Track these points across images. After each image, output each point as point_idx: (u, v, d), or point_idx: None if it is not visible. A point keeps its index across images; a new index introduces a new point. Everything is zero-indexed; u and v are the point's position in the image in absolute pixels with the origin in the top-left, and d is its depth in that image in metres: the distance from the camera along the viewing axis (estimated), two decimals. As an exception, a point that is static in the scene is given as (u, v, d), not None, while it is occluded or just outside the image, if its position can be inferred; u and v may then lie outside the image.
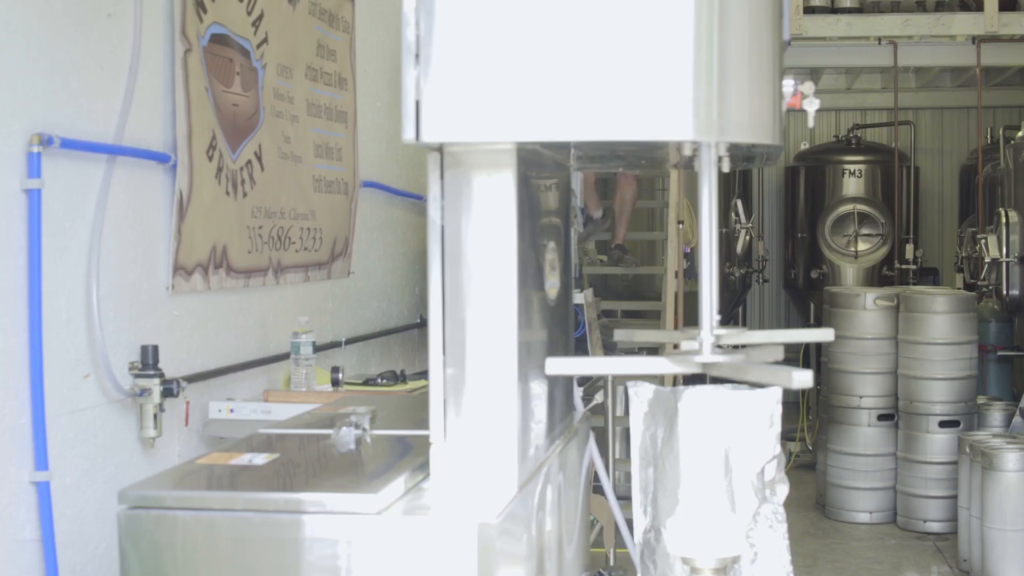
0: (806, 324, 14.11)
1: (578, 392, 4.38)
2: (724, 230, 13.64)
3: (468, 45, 2.82)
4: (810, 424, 11.59)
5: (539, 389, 3.47)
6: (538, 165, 3.45)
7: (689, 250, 10.83)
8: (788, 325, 16.20)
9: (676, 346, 3.24)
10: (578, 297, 6.66)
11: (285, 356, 6.02)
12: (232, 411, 5.37)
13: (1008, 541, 7.79)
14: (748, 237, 14.00)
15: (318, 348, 6.32)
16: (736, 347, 3.41)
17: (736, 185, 14.07)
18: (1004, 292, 9.82)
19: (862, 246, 14.58)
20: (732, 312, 14.69)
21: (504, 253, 3.09)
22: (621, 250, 9.84)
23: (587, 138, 2.87)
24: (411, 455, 3.35)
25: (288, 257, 6.21)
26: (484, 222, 3.08)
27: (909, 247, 14.41)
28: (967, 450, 8.23)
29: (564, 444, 3.79)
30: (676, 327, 9.75)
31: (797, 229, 15.13)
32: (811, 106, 3.25)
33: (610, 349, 8.22)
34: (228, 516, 2.95)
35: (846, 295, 10.06)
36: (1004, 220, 9.93)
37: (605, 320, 9.11)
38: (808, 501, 10.42)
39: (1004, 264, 9.78)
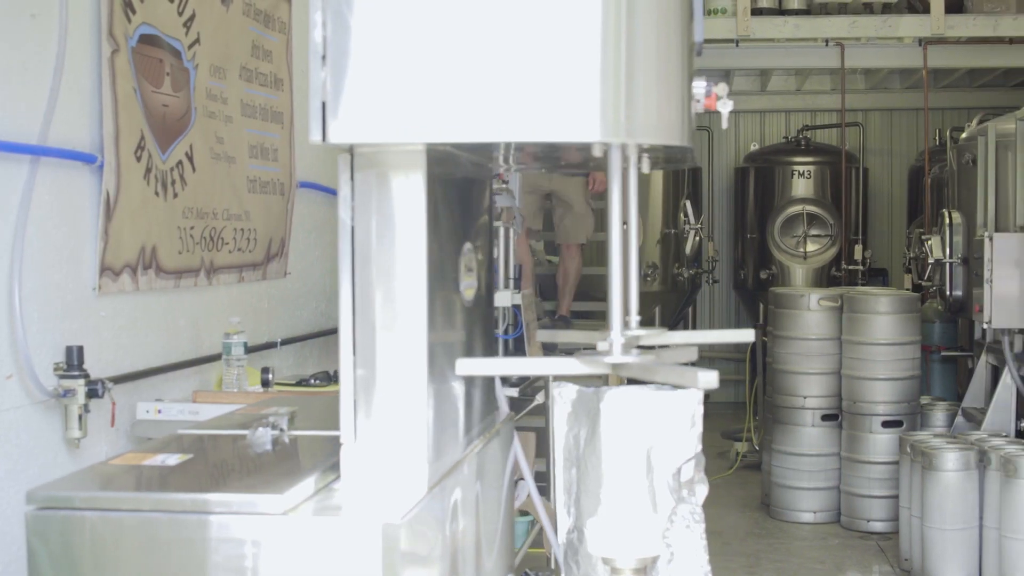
0: (755, 324, 14.14)
1: (502, 392, 4.38)
2: (673, 231, 13.68)
3: (375, 47, 2.81)
4: (757, 424, 11.62)
5: (454, 390, 3.47)
6: (455, 165, 3.45)
7: (635, 251, 10.83)
8: (738, 325, 16.24)
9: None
10: (516, 298, 6.65)
11: (218, 357, 6.00)
12: (160, 412, 5.36)
13: (947, 540, 7.82)
14: (698, 238, 14.04)
15: (253, 349, 6.31)
16: (655, 347, 3.43)
17: (686, 186, 14.11)
18: (948, 293, 9.84)
19: (811, 247, 14.64)
20: (682, 313, 14.71)
21: (413, 254, 3.09)
22: (565, 321, 9.79)
23: (494, 139, 2.87)
24: (326, 456, 3.34)
25: (221, 258, 6.19)
26: (393, 223, 3.08)
27: (858, 248, 14.49)
28: (908, 450, 8.26)
29: (484, 444, 3.79)
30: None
31: (747, 230, 15.18)
32: (725, 108, 3.26)
33: (551, 349, 8.25)
34: (135, 516, 2.94)
35: (790, 296, 10.09)
36: (948, 221, 9.96)
37: (547, 320, 9.11)
38: (753, 501, 10.46)
39: (948, 265, 9.80)
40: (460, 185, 3.53)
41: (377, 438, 3.10)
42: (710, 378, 2.90)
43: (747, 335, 3.90)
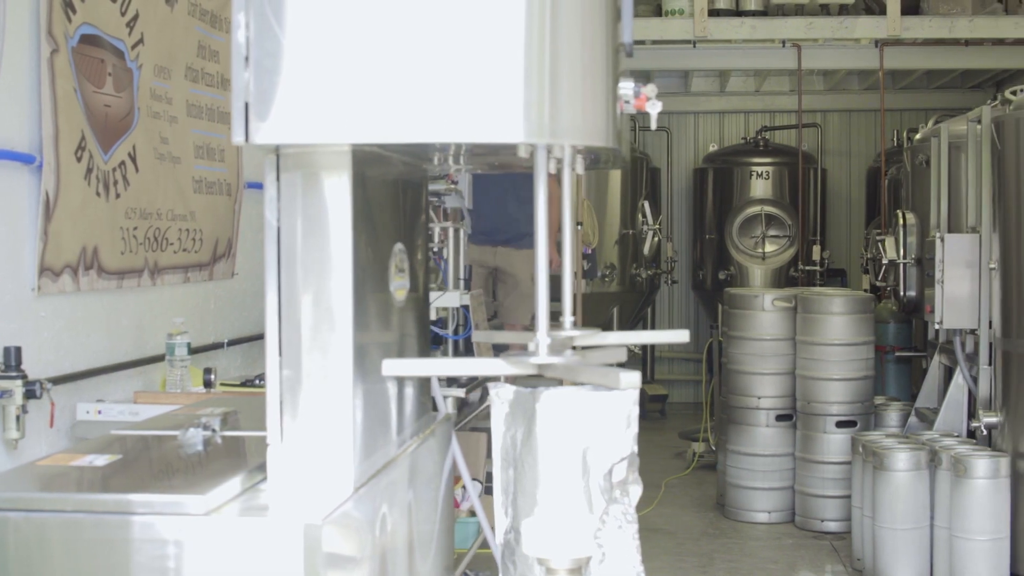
0: (713, 325, 14.18)
1: (440, 393, 4.38)
2: (631, 231, 13.70)
3: (298, 48, 2.82)
4: (714, 425, 11.63)
5: (385, 390, 3.48)
6: (385, 166, 3.45)
7: (590, 251, 10.87)
8: (697, 326, 16.27)
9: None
10: (465, 299, 6.64)
11: (163, 357, 5.98)
12: (100, 413, 5.35)
13: (899, 540, 7.85)
14: (656, 238, 14.06)
15: (200, 349, 6.29)
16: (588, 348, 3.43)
17: (644, 186, 14.14)
18: (902, 293, 9.88)
19: (769, 247, 14.67)
20: (640, 314, 14.74)
21: (339, 254, 3.10)
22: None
23: (418, 140, 2.86)
24: (255, 456, 3.35)
25: (166, 258, 6.18)
26: (319, 223, 3.09)
27: (816, 248, 14.53)
28: (860, 450, 8.28)
29: (418, 445, 3.79)
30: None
31: (705, 230, 15.20)
32: (654, 109, 3.27)
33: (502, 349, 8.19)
34: (59, 517, 2.96)
35: (744, 296, 10.10)
36: (902, 222, 10.00)
37: (497, 320, 9.11)
38: (709, 501, 10.46)
39: (902, 266, 9.84)
40: (391, 186, 3.54)
41: (302, 439, 3.11)
42: (632, 379, 2.91)
43: (682, 335, 3.90)
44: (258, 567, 2.87)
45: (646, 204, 13.93)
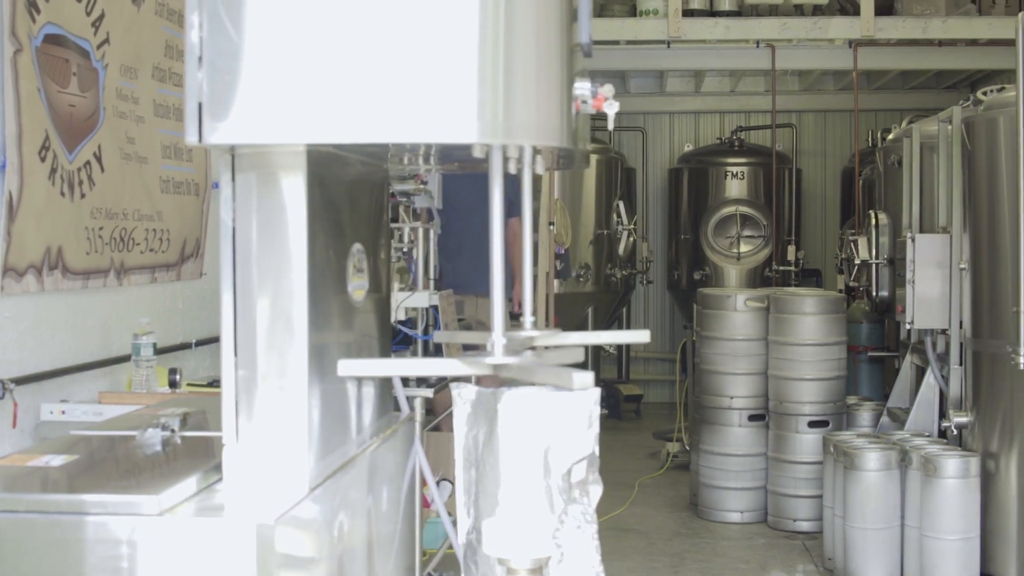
0: (687, 325, 14.20)
1: (402, 393, 4.38)
2: (606, 231, 13.72)
3: (251, 49, 2.82)
4: (688, 425, 11.64)
5: (344, 390, 3.47)
6: (343, 166, 3.45)
7: (563, 251, 10.87)
8: (673, 326, 16.31)
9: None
10: (434, 298, 6.63)
11: (129, 357, 5.97)
12: (64, 413, 5.34)
13: (869, 540, 7.86)
14: (631, 238, 14.07)
15: (168, 350, 6.28)
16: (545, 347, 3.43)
17: (619, 186, 14.16)
18: (874, 293, 9.90)
19: (744, 248, 14.69)
20: (616, 314, 14.76)
21: (294, 255, 3.10)
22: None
23: (371, 140, 2.86)
24: (213, 456, 3.34)
25: (132, 258, 6.16)
26: (274, 224, 3.09)
27: (791, 249, 14.56)
28: (831, 450, 8.30)
29: (379, 445, 3.79)
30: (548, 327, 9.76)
31: (680, 231, 15.21)
32: (611, 109, 3.26)
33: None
34: (11, 517, 2.95)
35: (717, 296, 10.11)
36: (874, 222, 10.02)
37: (467, 321, 9.09)
38: (682, 501, 10.47)
39: (874, 266, 9.86)
40: (350, 186, 3.53)
41: (258, 439, 3.12)
42: (585, 379, 2.91)
43: (642, 336, 3.90)
44: (211, 567, 2.87)
45: (621, 204, 13.96)
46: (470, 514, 3.47)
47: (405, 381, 5.89)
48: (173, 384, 5.80)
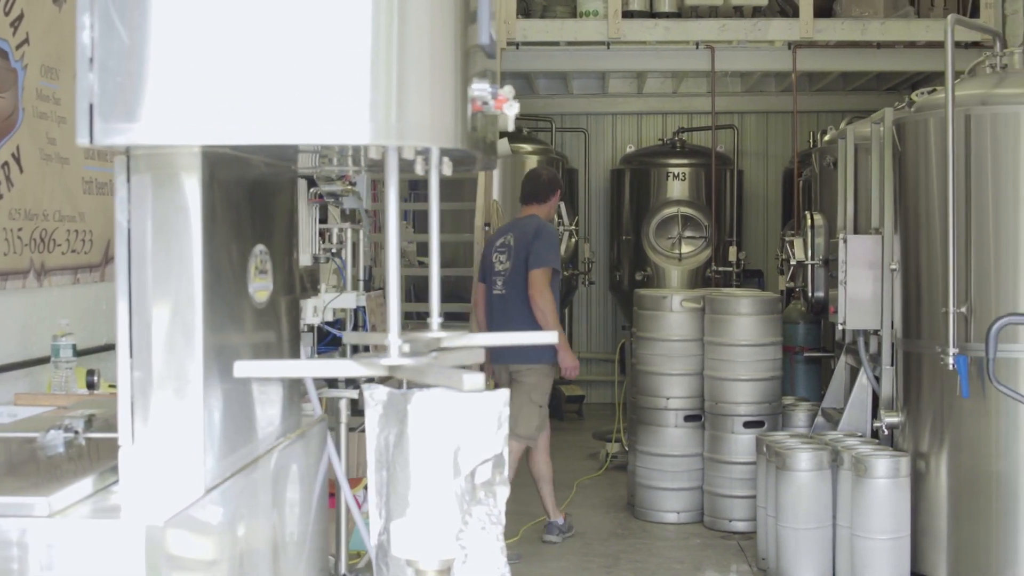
0: (626, 326, 14.22)
1: (315, 394, 4.37)
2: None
3: (142, 50, 2.81)
4: (627, 426, 11.65)
5: (246, 391, 3.46)
6: (244, 167, 3.43)
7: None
8: (615, 327, 16.34)
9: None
10: (362, 299, 6.62)
11: (49, 359, 5.93)
12: (-23, 414, 5.29)
13: (801, 540, 7.89)
14: (573, 239, 14.07)
15: (90, 351, 6.23)
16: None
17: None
18: (810, 294, 9.94)
19: (686, 248, 14.74)
20: (559, 314, 14.74)
21: (189, 256, 3.09)
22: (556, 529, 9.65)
23: (264, 142, 2.86)
24: (113, 458, 3.32)
25: (53, 260, 6.12)
26: (168, 225, 3.08)
27: (732, 249, 14.60)
28: (764, 450, 8.33)
29: (287, 445, 3.78)
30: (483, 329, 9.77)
31: (622, 231, 15.24)
32: (511, 110, 3.26)
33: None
34: (-98, 518, 2.92)
35: (653, 297, 10.14)
36: (810, 223, 10.06)
37: (406, 322, 9.07)
38: (620, 502, 10.48)
39: (810, 266, 9.90)
40: (252, 187, 3.52)
41: (153, 440, 3.10)
42: (476, 381, 2.92)
43: (550, 336, 3.90)
44: (102, 569, 2.86)
45: (562, 205, 13.93)
46: (381, 515, 3.47)
47: (333, 382, 5.90)
48: (91, 385, 5.75)
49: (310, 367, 3.75)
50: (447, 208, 12.28)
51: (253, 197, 3.52)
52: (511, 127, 3.36)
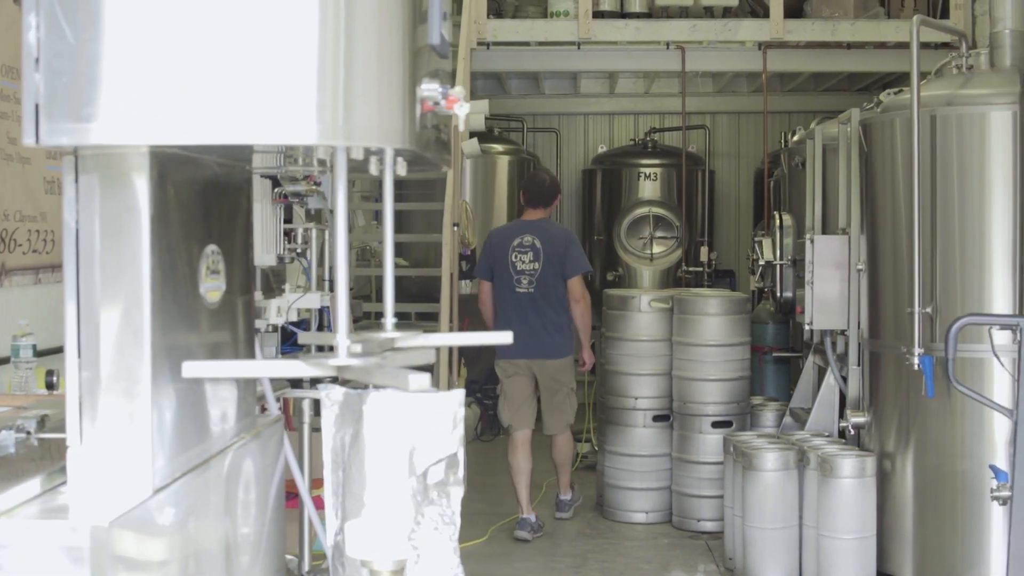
0: (596, 326, 14.21)
1: (271, 394, 4.37)
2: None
3: (88, 50, 2.80)
4: (597, 426, 11.65)
5: (198, 391, 3.46)
6: (195, 167, 3.43)
7: (468, 252, 10.87)
8: (588, 326, 16.32)
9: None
10: (326, 299, 6.62)
11: (9, 359, 5.91)
12: (-65, 415, 5.26)
13: (767, 539, 7.91)
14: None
15: (53, 351, 6.20)
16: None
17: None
18: (779, 294, 9.97)
19: (657, 249, 14.75)
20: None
21: (137, 256, 3.08)
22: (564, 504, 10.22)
23: (210, 142, 2.85)
24: (64, 458, 3.31)
25: (14, 260, 6.11)
26: (116, 225, 3.07)
27: (704, 250, 14.62)
28: (731, 450, 8.34)
29: (241, 446, 3.77)
30: (453, 329, 9.79)
31: (594, 231, 15.25)
32: (462, 110, 3.26)
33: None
34: None
35: (622, 297, 10.15)
36: (779, 223, 10.09)
37: (367, 322, 9.08)
38: (589, 502, 10.45)
39: (778, 267, 9.92)
40: (204, 187, 3.51)
41: (101, 440, 3.10)
42: (421, 381, 2.92)
43: (505, 337, 3.89)
44: (48, 570, 2.84)
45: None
46: (338, 516, 3.47)
47: (297, 383, 5.89)
48: (50, 386, 5.73)
49: (259, 367, 3.74)
50: (418, 208, 12.36)
51: (205, 197, 3.51)
52: (462, 127, 3.37)
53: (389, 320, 3.46)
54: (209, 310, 3.53)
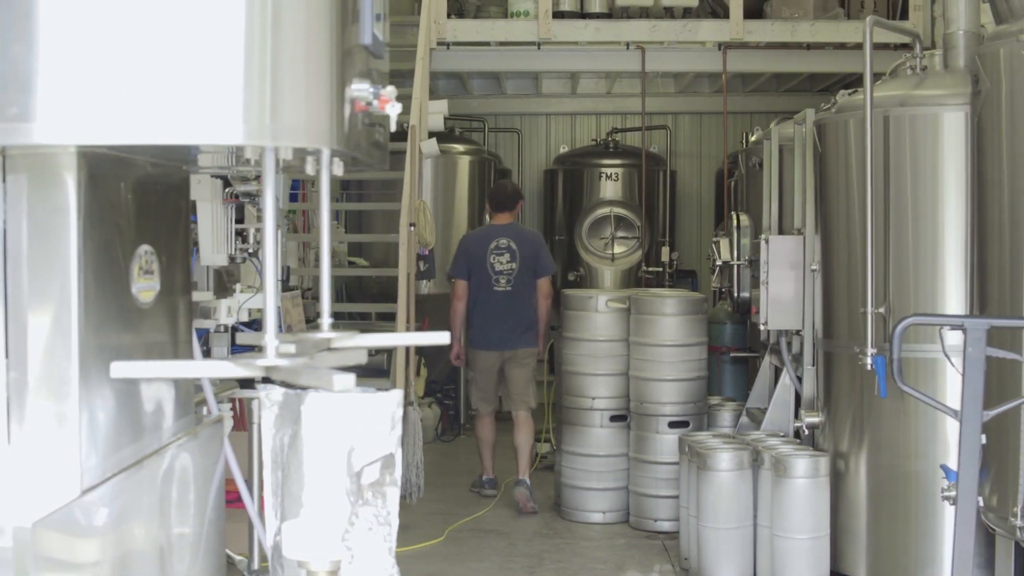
0: (555, 326, 14.22)
1: (212, 395, 4.35)
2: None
3: (14, 49, 2.77)
4: (556, 426, 11.65)
5: (131, 392, 3.44)
6: (127, 167, 3.41)
7: (426, 252, 10.87)
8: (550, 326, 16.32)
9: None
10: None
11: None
12: None
13: (721, 539, 7.91)
14: (505, 239, 14.08)
15: None
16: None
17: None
18: (736, 294, 9.99)
19: (619, 249, 14.78)
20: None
21: (65, 256, 3.07)
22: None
23: (138, 142, 2.83)
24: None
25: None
26: (43, 225, 3.06)
27: (665, 250, 14.64)
28: (686, 450, 8.34)
29: (178, 446, 3.76)
30: (410, 328, 9.78)
31: (556, 231, 15.26)
32: (393, 110, 3.26)
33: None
34: None
35: (579, 297, 10.15)
36: (736, 223, 10.11)
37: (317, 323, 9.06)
38: (547, 502, 10.44)
39: (735, 267, 9.94)
40: (136, 188, 3.49)
41: (28, 441, 3.08)
42: (346, 381, 2.91)
43: (442, 337, 3.88)
44: (-32, 573, 2.83)
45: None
46: (277, 516, 3.46)
47: (248, 382, 5.87)
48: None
49: (187, 368, 3.72)
50: (379, 208, 12.36)
51: (138, 197, 3.50)
52: (393, 127, 3.37)
53: (325, 320, 3.47)
54: (142, 310, 3.51)
